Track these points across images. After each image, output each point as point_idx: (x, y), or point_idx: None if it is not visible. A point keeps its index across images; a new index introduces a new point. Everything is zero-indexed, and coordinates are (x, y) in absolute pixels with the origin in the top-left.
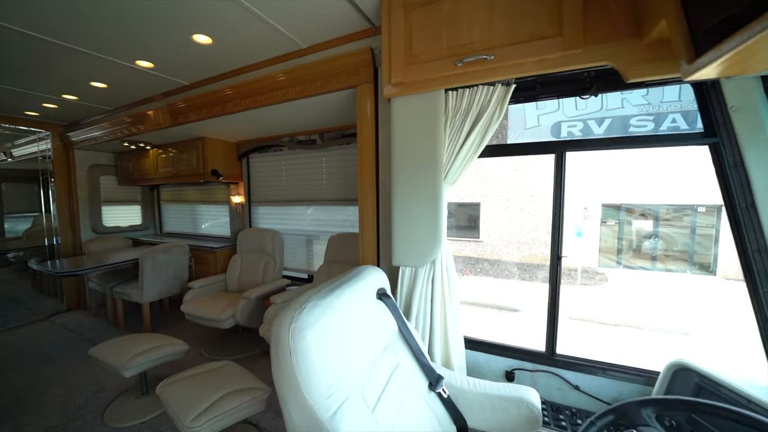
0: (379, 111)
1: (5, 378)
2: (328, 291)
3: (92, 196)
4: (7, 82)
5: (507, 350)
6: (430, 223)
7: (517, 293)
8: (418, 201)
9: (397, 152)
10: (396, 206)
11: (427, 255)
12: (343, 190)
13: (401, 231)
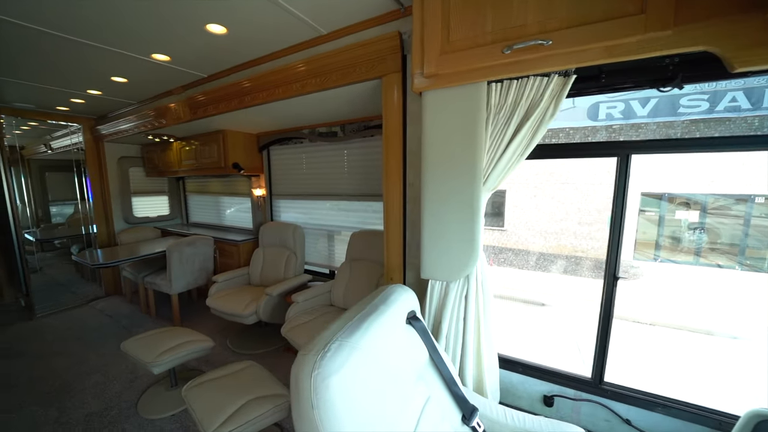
0: (408, 104)
1: (52, 362)
2: (355, 325)
3: (122, 188)
4: (36, 79)
5: (546, 373)
6: (465, 234)
7: (544, 286)
8: (452, 208)
9: (429, 153)
10: (426, 213)
11: (460, 269)
12: (366, 184)
13: (432, 241)
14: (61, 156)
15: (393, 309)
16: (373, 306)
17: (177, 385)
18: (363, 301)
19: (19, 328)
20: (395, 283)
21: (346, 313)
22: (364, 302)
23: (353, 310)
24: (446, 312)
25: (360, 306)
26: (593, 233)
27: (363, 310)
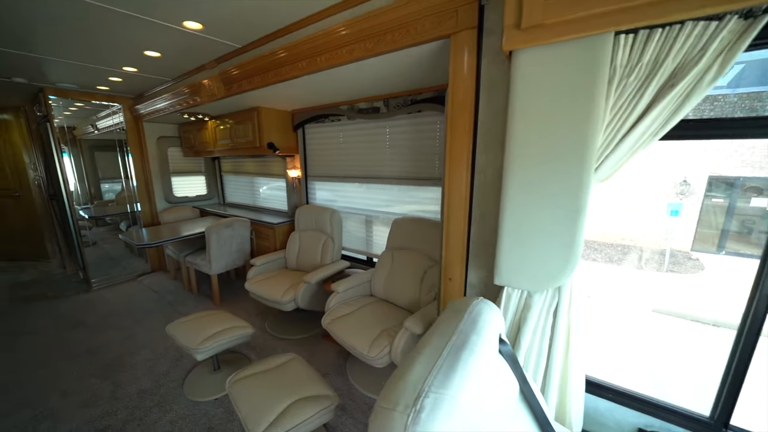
0: (483, 70)
1: (108, 334)
2: (448, 368)
3: (162, 167)
4: (73, 57)
5: (644, 404)
6: (562, 235)
7: (587, 275)
8: (546, 202)
9: (517, 130)
10: (508, 206)
11: (550, 278)
12: (412, 167)
13: (513, 241)
14: (107, 136)
15: (485, 337)
16: (462, 336)
17: (220, 369)
18: (443, 324)
19: (79, 299)
20: (476, 298)
21: (426, 342)
22: (445, 327)
23: (435, 340)
24: (526, 328)
25: (442, 334)
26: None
27: (450, 341)
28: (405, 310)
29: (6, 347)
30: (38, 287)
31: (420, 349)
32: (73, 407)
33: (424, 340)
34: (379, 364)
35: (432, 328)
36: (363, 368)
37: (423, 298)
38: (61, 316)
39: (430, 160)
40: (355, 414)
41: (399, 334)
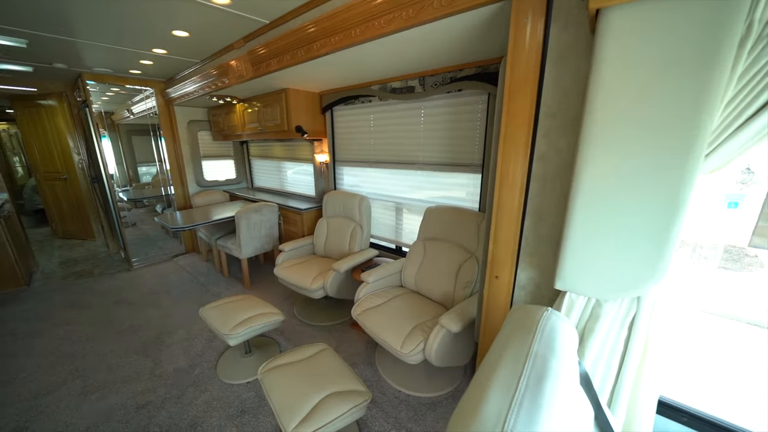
0: (552, 38)
1: (147, 313)
2: (531, 407)
3: (193, 151)
4: (107, 40)
5: (720, 429)
6: (652, 236)
7: None
8: (634, 194)
9: (600, 109)
10: (580, 198)
11: (629, 286)
12: (448, 152)
13: (583, 239)
14: (142, 121)
15: (565, 362)
16: (540, 361)
17: (251, 352)
18: (513, 342)
19: (121, 277)
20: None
21: (496, 365)
22: (516, 347)
23: (507, 363)
24: (592, 340)
25: (515, 356)
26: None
27: (526, 366)
28: (438, 304)
29: (62, 321)
30: (85, 264)
31: (490, 375)
32: (118, 381)
33: (492, 361)
34: (412, 361)
35: (498, 345)
36: (393, 360)
37: (458, 293)
38: (105, 292)
39: (468, 145)
40: (385, 407)
41: (434, 332)
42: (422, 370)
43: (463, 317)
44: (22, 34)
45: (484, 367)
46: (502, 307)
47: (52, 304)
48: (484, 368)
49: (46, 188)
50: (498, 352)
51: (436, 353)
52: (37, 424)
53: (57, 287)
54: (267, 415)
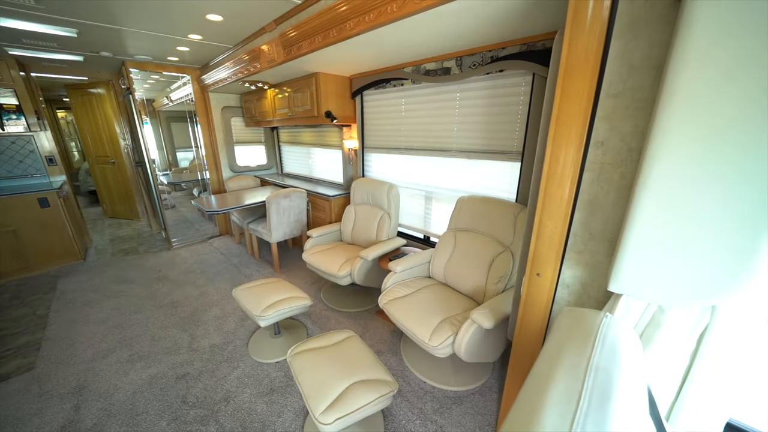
0: (620, 6)
1: (185, 290)
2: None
3: (227, 137)
4: (147, 26)
5: None
6: (738, 238)
7: None
8: (719, 189)
9: (688, 85)
10: (649, 189)
11: (706, 292)
12: (484, 138)
13: (649, 237)
14: (179, 107)
15: (631, 374)
16: (603, 375)
17: (280, 333)
18: (566, 351)
19: (162, 255)
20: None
21: (549, 378)
22: (572, 357)
23: (562, 376)
24: (649, 350)
25: (572, 367)
26: None
27: (587, 380)
28: (468, 298)
29: (113, 294)
30: (132, 242)
31: (544, 389)
32: (160, 352)
33: (543, 372)
34: (440, 354)
35: (549, 353)
36: (418, 351)
37: (490, 288)
38: (149, 269)
39: (507, 131)
40: (410, 398)
41: (465, 326)
42: (449, 363)
43: (496, 313)
44: (72, 23)
45: (535, 379)
46: (542, 306)
47: (104, 277)
48: (534, 379)
49: (97, 171)
50: (550, 362)
51: (466, 348)
52: (94, 384)
53: (107, 262)
54: (294, 396)
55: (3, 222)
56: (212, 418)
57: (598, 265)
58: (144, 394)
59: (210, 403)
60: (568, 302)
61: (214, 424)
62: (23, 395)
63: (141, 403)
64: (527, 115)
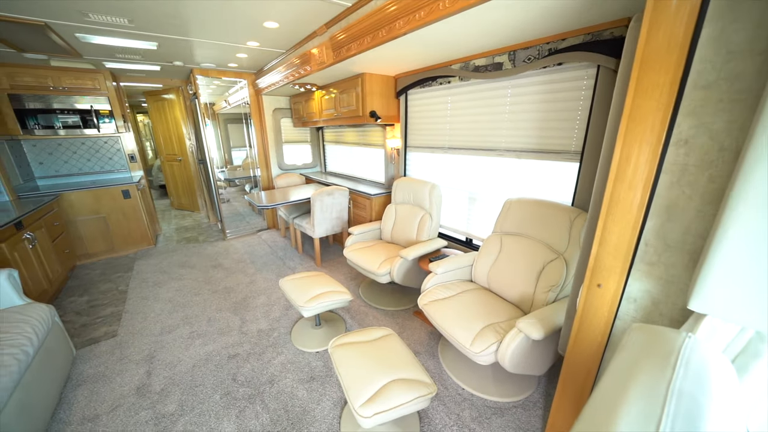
0: None
1: (237, 277)
2: None
3: (276, 137)
4: (212, 36)
5: None
6: None
7: None
8: None
9: None
10: (749, 195)
11: None
12: (537, 137)
13: (747, 250)
14: (236, 110)
15: (725, 403)
16: (689, 401)
17: (320, 325)
18: (639, 372)
19: (218, 245)
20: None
21: (618, 399)
22: (646, 379)
23: (634, 399)
24: (744, 382)
25: (647, 390)
26: None
27: (666, 406)
28: (513, 305)
29: (177, 277)
30: (193, 232)
31: (614, 408)
32: (215, 332)
33: (612, 393)
34: (482, 361)
35: (617, 372)
36: (457, 355)
37: (538, 297)
38: (207, 256)
39: (564, 129)
40: (447, 402)
41: (510, 335)
42: (490, 372)
43: (545, 324)
44: (154, 38)
45: (602, 397)
46: (601, 320)
47: (170, 262)
48: (602, 398)
49: (167, 168)
50: (620, 381)
51: (510, 358)
52: (161, 354)
53: (173, 249)
54: (333, 386)
55: (97, 210)
56: (258, 397)
57: (675, 280)
58: (201, 369)
59: (256, 384)
60: (634, 318)
61: (260, 403)
62: (109, 357)
63: (199, 376)
64: (589, 111)
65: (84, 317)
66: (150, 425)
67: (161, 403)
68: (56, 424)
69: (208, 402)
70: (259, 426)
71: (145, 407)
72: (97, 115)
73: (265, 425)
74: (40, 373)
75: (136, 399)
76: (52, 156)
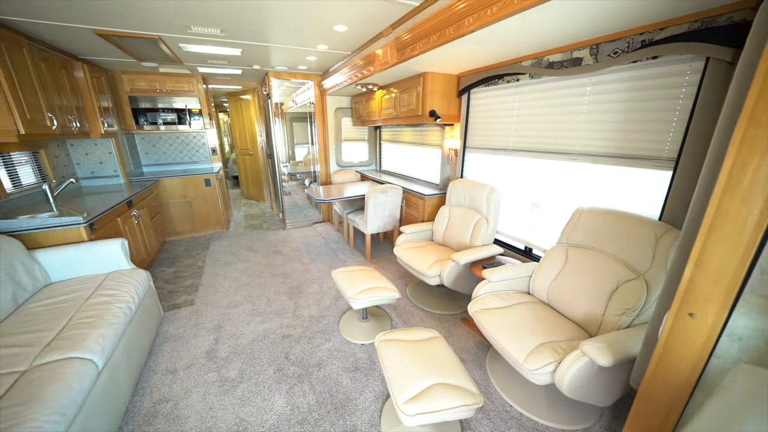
0: None
1: (293, 265)
2: None
3: (337, 135)
4: (287, 41)
5: None
6: None
7: None
8: None
9: None
10: None
11: None
12: (620, 140)
13: None
14: (301, 110)
15: None
16: None
17: (367, 318)
18: (742, 414)
19: (279, 234)
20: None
21: None
22: (754, 427)
23: None
24: None
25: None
26: None
27: None
28: (575, 325)
29: (243, 259)
30: (258, 220)
31: None
32: (272, 313)
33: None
34: (536, 380)
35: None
36: (507, 370)
37: (609, 319)
38: (269, 243)
39: (657, 131)
40: (492, 417)
41: (571, 357)
42: (543, 393)
43: (616, 350)
44: (239, 45)
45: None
46: (692, 355)
47: (239, 245)
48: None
49: (240, 161)
50: (718, 428)
51: (570, 382)
52: (227, 326)
53: (241, 233)
54: (375, 379)
55: (185, 194)
56: (306, 378)
57: None
58: (259, 343)
59: (306, 365)
60: (737, 358)
61: (307, 384)
62: (186, 321)
63: (257, 350)
64: (690, 111)
65: (170, 285)
66: (215, 386)
67: (225, 368)
68: (147, 371)
69: (263, 374)
70: (305, 404)
71: (212, 369)
72: (189, 114)
73: (311, 405)
74: (138, 327)
75: (205, 361)
76: (154, 147)
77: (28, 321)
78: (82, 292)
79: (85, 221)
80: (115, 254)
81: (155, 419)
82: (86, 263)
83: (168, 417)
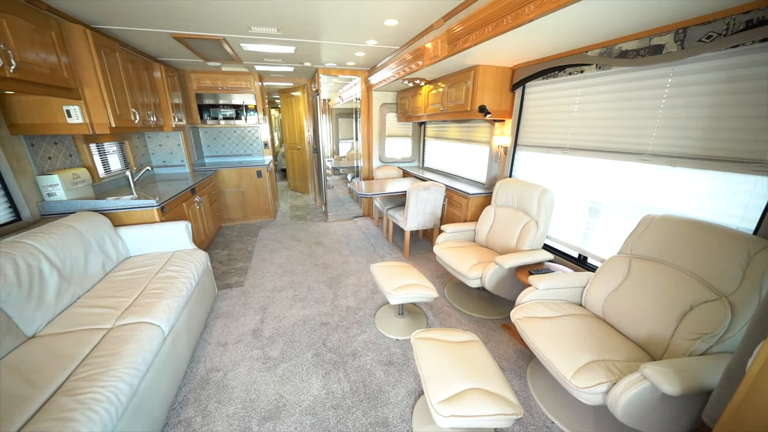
0: None
1: (333, 256)
2: None
3: (381, 131)
4: (337, 38)
5: None
6: None
7: None
8: None
9: None
10: None
11: None
12: (705, 138)
13: None
14: (347, 106)
15: None
16: None
17: (403, 315)
18: None
19: (321, 225)
20: None
21: None
22: None
23: None
24: None
25: None
26: None
27: None
28: (635, 344)
29: (288, 247)
30: (302, 211)
31: None
32: (312, 300)
33: None
34: (585, 399)
35: None
36: (550, 384)
37: (678, 343)
38: (311, 234)
39: (757, 129)
40: (531, 431)
41: (629, 379)
42: (590, 413)
43: (685, 379)
44: (293, 43)
45: None
46: None
47: (284, 234)
48: None
49: (288, 155)
50: None
51: (625, 407)
52: (271, 308)
53: (286, 223)
54: (408, 375)
55: (239, 184)
56: (341, 365)
57: None
58: (299, 328)
59: (341, 353)
60: None
61: (342, 371)
62: (236, 300)
63: (297, 333)
64: None
65: (224, 266)
66: (259, 362)
67: (268, 347)
68: (201, 342)
69: (302, 357)
70: (340, 391)
71: (257, 347)
72: (246, 110)
73: (345, 392)
74: (196, 301)
75: (252, 339)
76: (215, 140)
77: (113, 287)
78: (153, 267)
79: (157, 204)
80: (180, 235)
81: (207, 385)
82: (157, 241)
83: (218, 385)
